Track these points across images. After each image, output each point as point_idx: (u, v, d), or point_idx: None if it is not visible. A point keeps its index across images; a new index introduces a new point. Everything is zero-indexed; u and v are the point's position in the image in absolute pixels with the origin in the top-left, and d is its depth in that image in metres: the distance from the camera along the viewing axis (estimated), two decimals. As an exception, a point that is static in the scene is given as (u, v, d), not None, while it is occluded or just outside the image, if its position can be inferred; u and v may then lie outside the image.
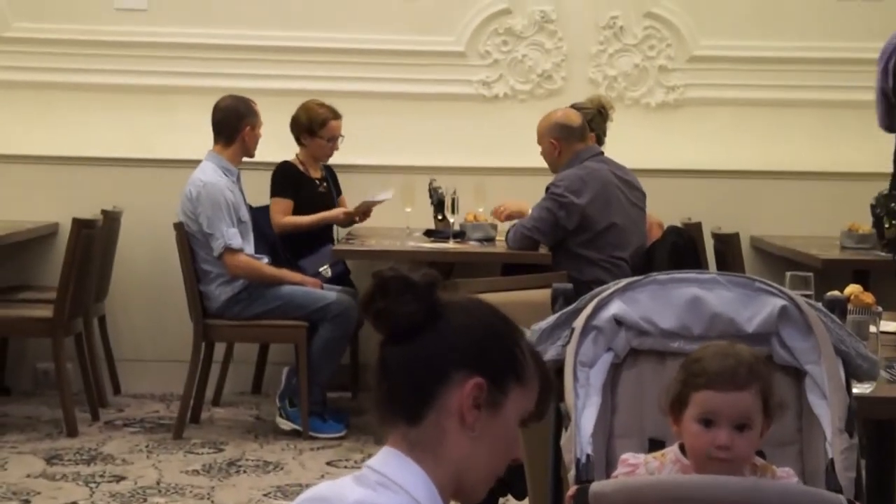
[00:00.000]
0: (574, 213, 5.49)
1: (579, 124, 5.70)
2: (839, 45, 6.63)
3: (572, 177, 5.56)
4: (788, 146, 6.66)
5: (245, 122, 5.73)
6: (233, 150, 5.74)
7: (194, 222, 5.57)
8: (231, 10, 6.58)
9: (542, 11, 6.65)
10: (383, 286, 1.80)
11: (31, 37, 6.52)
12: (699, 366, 2.32)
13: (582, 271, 5.45)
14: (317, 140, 6.13)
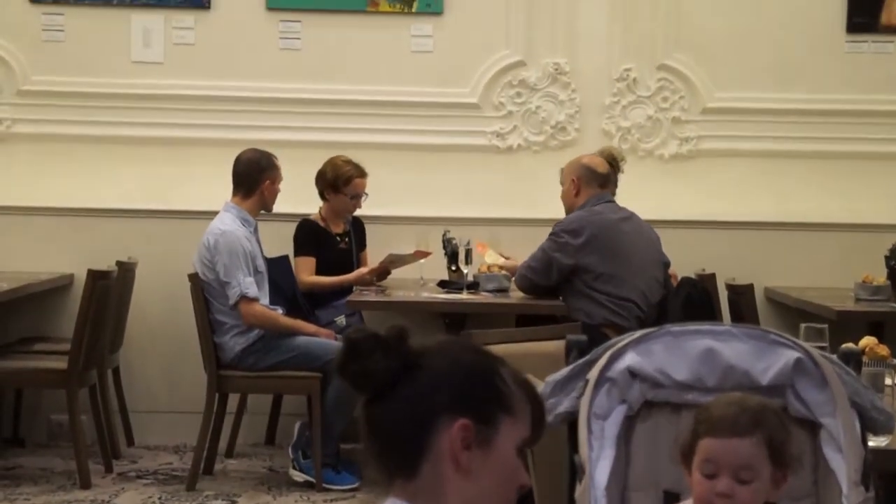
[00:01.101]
0: (569, 254, 5.50)
1: (603, 172, 5.73)
2: (852, 98, 6.65)
3: (573, 218, 5.61)
4: (802, 197, 6.66)
5: (265, 175, 5.75)
6: (251, 202, 5.76)
7: (211, 271, 5.59)
8: (247, 62, 6.63)
9: (556, 64, 6.69)
10: (354, 348, 1.81)
11: (50, 90, 6.58)
12: (705, 413, 2.31)
13: (591, 314, 5.46)
14: (340, 196, 6.16)
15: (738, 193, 6.67)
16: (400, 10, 6.65)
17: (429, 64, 6.67)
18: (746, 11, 6.68)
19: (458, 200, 6.60)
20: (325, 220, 6.25)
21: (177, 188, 6.57)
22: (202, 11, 6.62)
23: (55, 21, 6.59)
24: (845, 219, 6.60)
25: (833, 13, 6.68)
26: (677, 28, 6.69)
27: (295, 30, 6.65)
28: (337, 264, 6.16)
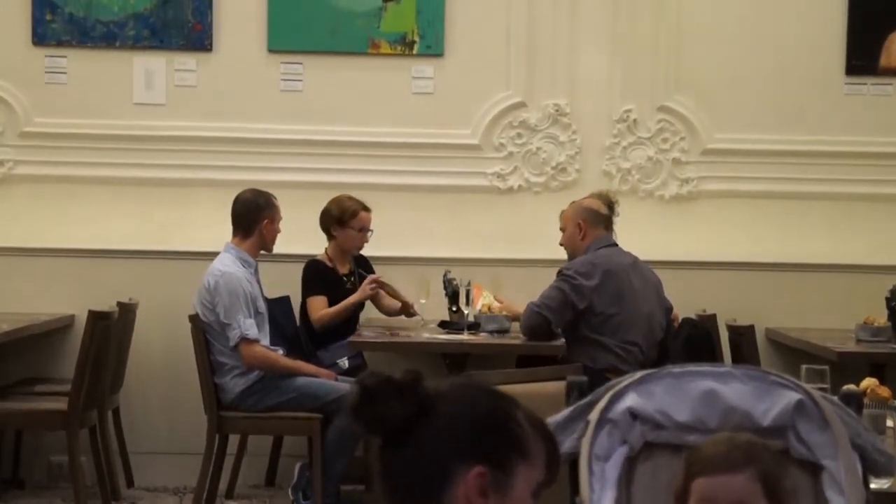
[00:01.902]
0: (583, 295, 5.51)
1: (606, 213, 5.78)
2: (852, 139, 6.67)
3: (583, 261, 5.63)
4: (803, 238, 6.67)
5: (263, 215, 5.76)
6: (250, 243, 5.77)
7: (211, 312, 5.59)
8: (248, 104, 6.65)
9: (557, 105, 6.71)
10: (368, 393, 1.79)
11: (52, 132, 6.60)
12: (696, 454, 2.30)
13: (595, 359, 5.45)
14: (347, 230, 6.17)
15: (738, 234, 6.67)
16: (401, 52, 6.68)
17: (430, 105, 6.70)
18: (746, 53, 6.71)
19: (458, 241, 6.61)
20: (332, 259, 6.26)
21: (178, 229, 6.58)
22: (204, 53, 6.65)
23: (58, 63, 6.62)
24: (846, 260, 6.60)
25: (832, 56, 6.71)
26: (677, 70, 6.71)
27: (296, 72, 6.68)
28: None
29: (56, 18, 6.59)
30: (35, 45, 6.61)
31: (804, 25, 6.70)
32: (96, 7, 6.60)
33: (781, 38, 6.71)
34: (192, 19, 6.63)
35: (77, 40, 6.61)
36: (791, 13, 6.71)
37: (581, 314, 5.53)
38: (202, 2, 6.62)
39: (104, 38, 6.61)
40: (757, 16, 6.70)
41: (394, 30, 6.67)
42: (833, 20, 6.69)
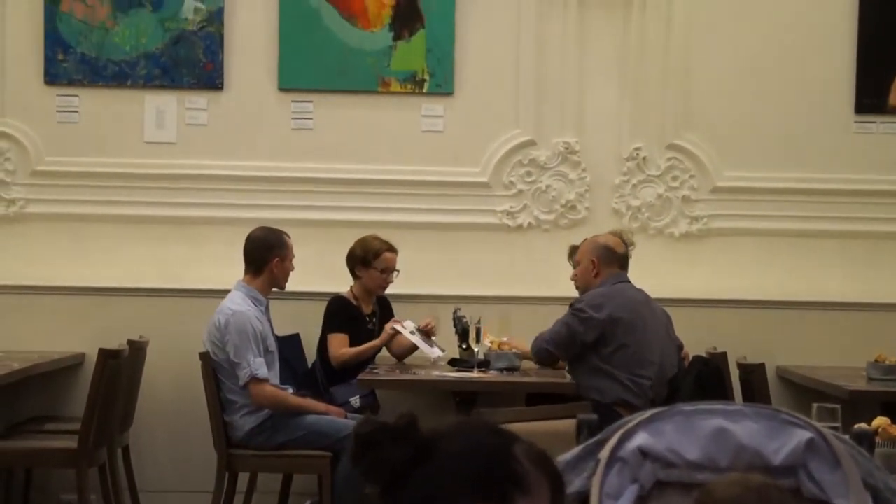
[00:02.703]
0: (592, 328, 5.52)
1: (622, 253, 5.78)
2: (861, 177, 6.68)
3: (595, 293, 5.64)
4: (813, 276, 6.66)
5: (274, 253, 5.77)
6: (261, 281, 5.77)
7: (221, 351, 5.59)
8: (259, 142, 6.68)
9: (566, 143, 6.73)
10: (364, 441, 1.80)
11: (63, 170, 6.63)
12: (708, 497, 2.29)
13: (604, 392, 5.45)
14: (371, 271, 6.17)
15: (748, 272, 6.67)
16: (411, 91, 6.71)
17: (439, 143, 6.72)
18: (755, 91, 6.73)
19: (468, 278, 6.61)
20: (357, 298, 6.26)
21: (189, 267, 6.59)
22: (215, 92, 6.68)
23: (70, 102, 6.65)
24: (856, 298, 6.59)
25: (841, 94, 6.72)
26: (686, 108, 6.73)
27: (307, 110, 6.71)
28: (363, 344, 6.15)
29: (68, 58, 6.63)
30: (47, 84, 6.65)
31: (813, 64, 6.72)
32: (108, 47, 6.65)
33: (790, 77, 6.73)
34: (204, 58, 6.67)
35: (89, 79, 6.65)
36: (800, 51, 6.73)
37: (591, 346, 5.54)
38: (213, 41, 6.66)
39: (116, 78, 6.66)
40: (766, 54, 6.72)
41: (404, 68, 6.70)
42: (842, 59, 6.71)
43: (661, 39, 6.69)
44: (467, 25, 6.69)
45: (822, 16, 6.72)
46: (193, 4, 6.65)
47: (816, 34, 6.73)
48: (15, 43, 6.64)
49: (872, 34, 6.70)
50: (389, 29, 6.69)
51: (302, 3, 6.67)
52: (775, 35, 6.72)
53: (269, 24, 6.67)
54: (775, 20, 6.72)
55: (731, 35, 6.72)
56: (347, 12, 6.68)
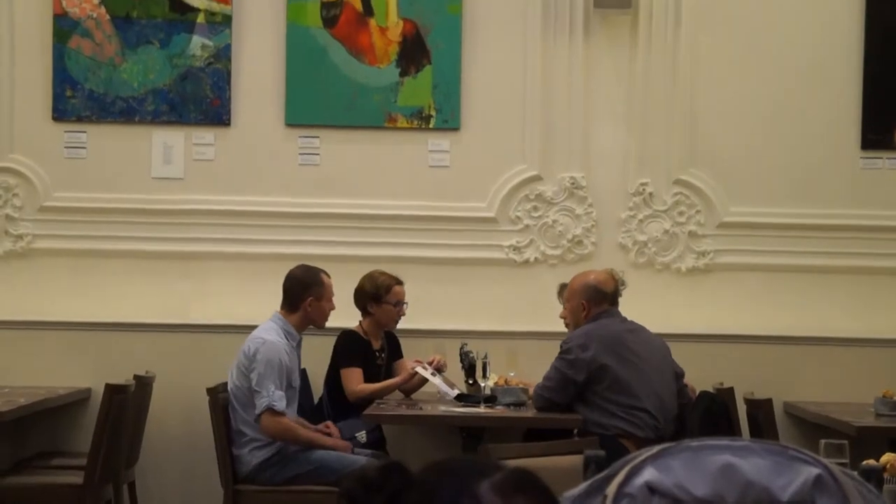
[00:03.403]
0: (582, 368, 5.55)
1: (611, 290, 5.79)
2: (867, 213, 6.69)
3: (579, 333, 5.67)
4: (821, 312, 6.66)
5: (309, 293, 5.76)
6: (296, 317, 5.78)
7: (245, 378, 5.58)
8: (266, 178, 6.70)
9: (572, 178, 6.74)
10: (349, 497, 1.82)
11: (71, 206, 6.65)
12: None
13: (605, 426, 5.47)
14: (384, 306, 6.17)
15: (755, 307, 6.66)
16: (417, 126, 6.73)
17: (446, 179, 6.73)
18: (761, 127, 6.74)
19: (475, 313, 6.61)
20: (367, 333, 6.26)
21: (196, 302, 6.60)
22: (222, 128, 6.71)
23: (77, 139, 6.68)
24: (863, 333, 6.58)
25: (847, 130, 6.73)
26: (693, 143, 6.75)
27: (314, 145, 6.73)
28: (373, 379, 6.15)
29: (76, 95, 6.67)
30: (55, 120, 6.68)
31: (819, 100, 6.74)
32: (116, 83, 6.68)
33: (796, 113, 6.74)
34: (211, 94, 6.70)
35: (97, 116, 6.68)
36: (806, 88, 6.74)
37: (585, 384, 5.56)
38: (220, 77, 6.70)
39: (123, 114, 6.69)
40: (772, 90, 6.74)
41: (410, 104, 6.73)
42: (848, 95, 6.72)
43: (668, 75, 6.71)
44: (473, 62, 6.72)
45: (828, 53, 6.74)
46: (201, 41, 6.68)
47: (822, 71, 6.75)
48: (23, 80, 6.68)
49: (878, 71, 6.72)
50: (396, 65, 6.72)
51: (309, 39, 6.70)
52: (781, 71, 6.74)
53: (276, 60, 6.70)
54: (781, 56, 6.74)
55: (737, 71, 6.74)
56: (354, 49, 6.71)
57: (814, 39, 6.75)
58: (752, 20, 6.74)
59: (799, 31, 6.74)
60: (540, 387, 5.67)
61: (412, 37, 6.72)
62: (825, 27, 6.74)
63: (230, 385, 5.65)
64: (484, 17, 6.73)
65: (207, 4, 6.68)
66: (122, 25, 6.67)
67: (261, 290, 6.55)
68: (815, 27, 6.74)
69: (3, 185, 6.66)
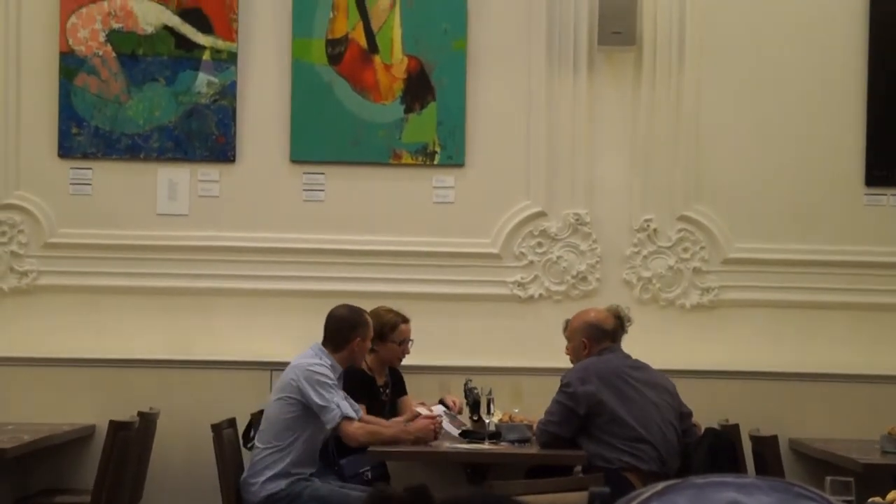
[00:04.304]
0: (583, 401, 5.55)
1: (611, 328, 5.79)
2: (872, 249, 6.69)
3: (579, 367, 5.68)
4: (826, 348, 6.65)
5: (357, 333, 5.78)
6: (340, 356, 5.79)
7: (287, 406, 5.57)
8: (271, 214, 6.71)
9: (577, 214, 6.75)
10: None
11: (76, 242, 6.66)
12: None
13: (609, 459, 5.46)
14: (388, 344, 6.17)
15: (760, 344, 6.65)
16: (422, 163, 6.75)
17: (451, 215, 6.74)
18: (766, 163, 6.75)
19: (479, 350, 6.61)
20: (371, 369, 6.25)
21: (201, 338, 6.60)
22: (227, 164, 6.73)
23: (83, 175, 6.70)
24: (869, 370, 6.57)
25: (852, 166, 6.74)
26: (697, 179, 6.76)
27: (319, 182, 6.74)
28: (377, 415, 6.13)
29: (82, 132, 6.69)
30: (61, 157, 6.70)
31: (823, 136, 6.75)
32: (122, 120, 6.71)
33: (801, 149, 6.75)
34: (216, 131, 6.72)
35: (102, 153, 6.70)
36: (810, 124, 6.76)
37: (587, 418, 5.56)
38: (226, 114, 6.72)
39: (129, 151, 6.71)
40: (776, 126, 6.76)
41: (415, 140, 6.75)
42: (852, 131, 6.74)
43: (671, 112, 6.73)
44: (478, 98, 6.75)
45: (832, 90, 6.76)
46: (206, 78, 6.71)
47: (826, 108, 6.76)
48: (29, 116, 6.70)
49: (882, 108, 6.73)
50: (401, 102, 6.74)
51: (314, 76, 6.73)
52: (785, 107, 6.76)
53: (281, 97, 6.73)
54: (785, 93, 6.76)
55: (742, 107, 6.76)
56: (359, 85, 6.74)
57: (818, 76, 6.77)
58: (756, 57, 6.76)
59: (803, 67, 6.77)
60: (543, 422, 5.66)
61: (417, 74, 6.75)
62: (829, 64, 6.76)
63: (267, 414, 5.65)
64: (488, 54, 6.76)
65: (213, 42, 6.72)
66: (128, 63, 6.71)
67: (266, 326, 6.57)
68: (820, 64, 6.77)
69: (8, 221, 6.68)
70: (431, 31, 6.74)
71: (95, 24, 6.70)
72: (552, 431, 5.62)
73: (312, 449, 5.69)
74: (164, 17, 6.72)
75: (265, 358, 6.47)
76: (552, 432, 5.62)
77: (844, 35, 6.76)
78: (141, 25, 6.71)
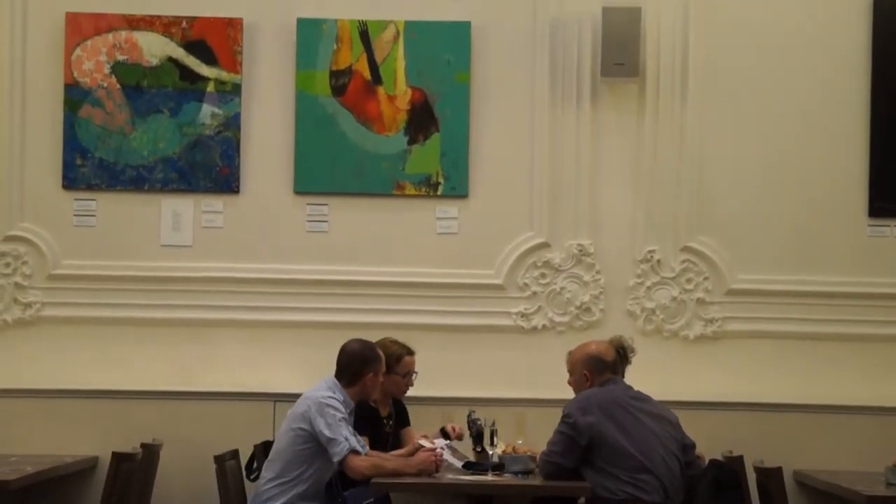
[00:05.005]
0: (584, 432, 5.52)
1: (612, 359, 5.78)
2: (876, 281, 6.69)
3: (580, 397, 5.66)
4: (830, 380, 6.64)
5: (370, 368, 5.78)
6: (354, 391, 5.79)
7: (297, 438, 5.56)
8: (275, 245, 6.72)
9: (580, 245, 6.75)
10: None
11: (79, 274, 6.67)
12: None
13: (613, 490, 5.44)
14: (393, 376, 6.16)
15: (764, 375, 6.65)
16: (426, 193, 6.76)
17: (454, 245, 6.75)
18: (769, 194, 6.76)
19: (483, 381, 6.61)
20: (376, 401, 6.24)
21: (204, 370, 6.60)
22: (231, 195, 6.74)
23: (87, 207, 6.72)
24: (873, 402, 6.55)
25: (855, 197, 6.75)
26: (700, 210, 6.76)
27: (322, 213, 6.76)
28: (381, 447, 6.12)
29: (86, 163, 6.71)
30: (65, 188, 6.72)
31: (827, 167, 6.76)
32: (126, 152, 6.73)
33: (804, 180, 6.76)
34: (220, 162, 6.74)
35: (107, 184, 6.72)
36: (813, 155, 6.77)
37: (589, 448, 5.54)
38: (230, 145, 6.74)
39: (133, 182, 6.73)
40: (780, 157, 6.77)
41: (419, 171, 6.76)
42: (855, 162, 6.75)
43: (674, 143, 6.75)
44: (482, 129, 6.76)
45: (835, 121, 6.77)
46: (211, 110, 6.74)
47: (829, 139, 6.77)
48: (34, 148, 6.73)
49: (885, 140, 6.74)
50: (404, 133, 6.76)
51: (318, 107, 6.75)
52: (788, 139, 6.77)
53: (285, 128, 6.75)
54: (788, 125, 6.77)
55: (744, 138, 6.78)
56: (363, 117, 6.76)
57: (821, 107, 6.79)
58: (759, 88, 6.78)
59: (806, 98, 6.78)
60: (546, 453, 5.63)
61: (420, 105, 6.77)
62: (832, 95, 6.78)
63: (277, 444, 5.64)
64: (492, 86, 6.78)
65: (217, 73, 6.74)
66: (132, 94, 6.73)
67: (269, 357, 6.58)
68: (822, 95, 6.78)
69: (12, 253, 6.69)
70: (435, 63, 6.77)
71: (100, 55, 6.73)
72: (555, 462, 5.60)
73: (319, 483, 5.68)
74: (169, 49, 6.75)
75: (268, 389, 6.47)
76: (555, 463, 5.60)
77: (847, 67, 6.78)
78: (146, 57, 6.74)
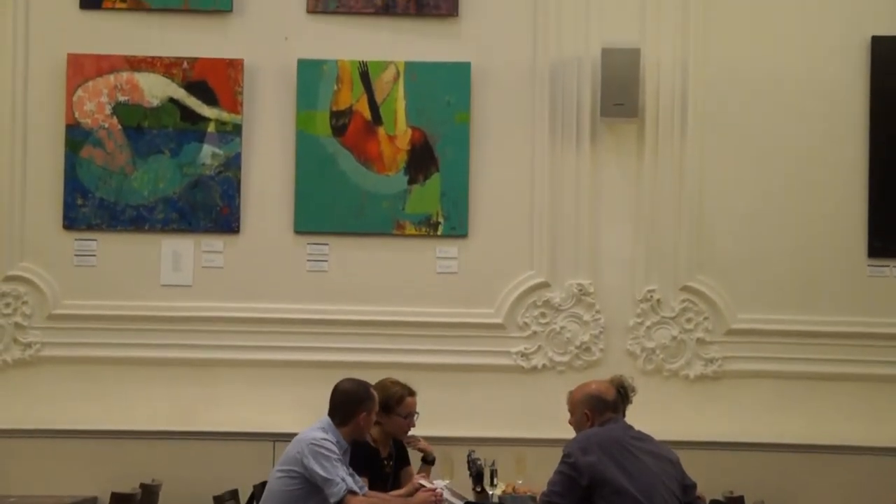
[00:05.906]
0: (585, 472, 5.48)
1: (613, 399, 5.75)
2: (876, 321, 6.69)
3: (581, 437, 5.61)
4: (830, 420, 6.62)
5: (362, 407, 5.74)
6: (346, 430, 5.75)
7: (291, 480, 5.53)
8: (275, 284, 6.73)
9: (580, 285, 6.76)
10: None
11: (79, 313, 6.68)
12: None
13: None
14: (394, 417, 6.12)
15: (764, 415, 6.63)
16: (426, 233, 6.77)
17: (454, 285, 6.76)
18: (769, 235, 6.77)
19: (482, 420, 6.60)
20: (376, 441, 6.23)
21: (204, 409, 6.59)
22: (231, 235, 6.76)
23: (87, 247, 6.73)
24: (874, 442, 6.54)
25: (854, 238, 6.76)
26: (700, 250, 6.77)
27: (322, 252, 6.77)
28: (380, 488, 6.10)
29: (87, 203, 6.74)
30: (66, 229, 6.74)
31: (826, 207, 6.78)
32: (127, 192, 6.75)
33: (804, 221, 6.78)
34: (220, 202, 6.76)
35: (107, 224, 6.74)
36: (813, 197, 6.79)
37: (589, 488, 5.51)
38: (230, 185, 6.76)
39: (133, 222, 6.75)
40: (779, 197, 6.79)
41: (419, 211, 6.78)
42: (855, 202, 6.76)
43: (674, 183, 6.76)
44: (481, 169, 6.79)
45: (834, 160, 6.80)
46: (211, 150, 6.77)
47: (828, 178, 6.79)
48: (35, 188, 6.75)
49: (884, 179, 6.77)
50: (404, 173, 6.79)
51: (318, 147, 6.78)
52: (787, 179, 6.79)
53: (285, 168, 6.77)
54: (787, 164, 6.80)
55: (744, 178, 6.79)
56: (363, 157, 6.79)
57: (820, 148, 6.81)
58: (758, 128, 6.81)
59: (804, 139, 6.81)
60: (546, 493, 5.60)
61: (420, 145, 6.79)
62: (830, 135, 6.80)
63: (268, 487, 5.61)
64: (492, 126, 6.81)
65: (218, 114, 6.77)
66: (133, 135, 6.76)
67: (269, 396, 6.57)
68: (821, 135, 6.81)
69: (12, 293, 6.71)
70: (435, 104, 6.80)
71: (102, 97, 6.76)
72: (555, 502, 5.58)
73: None
74: (170, 90, 6.79)
75: (268, 429, 6.45)
76: (556, 502, 5.58)
77: (845, 108, 6.81)
78: (147, 98, 6.78)
